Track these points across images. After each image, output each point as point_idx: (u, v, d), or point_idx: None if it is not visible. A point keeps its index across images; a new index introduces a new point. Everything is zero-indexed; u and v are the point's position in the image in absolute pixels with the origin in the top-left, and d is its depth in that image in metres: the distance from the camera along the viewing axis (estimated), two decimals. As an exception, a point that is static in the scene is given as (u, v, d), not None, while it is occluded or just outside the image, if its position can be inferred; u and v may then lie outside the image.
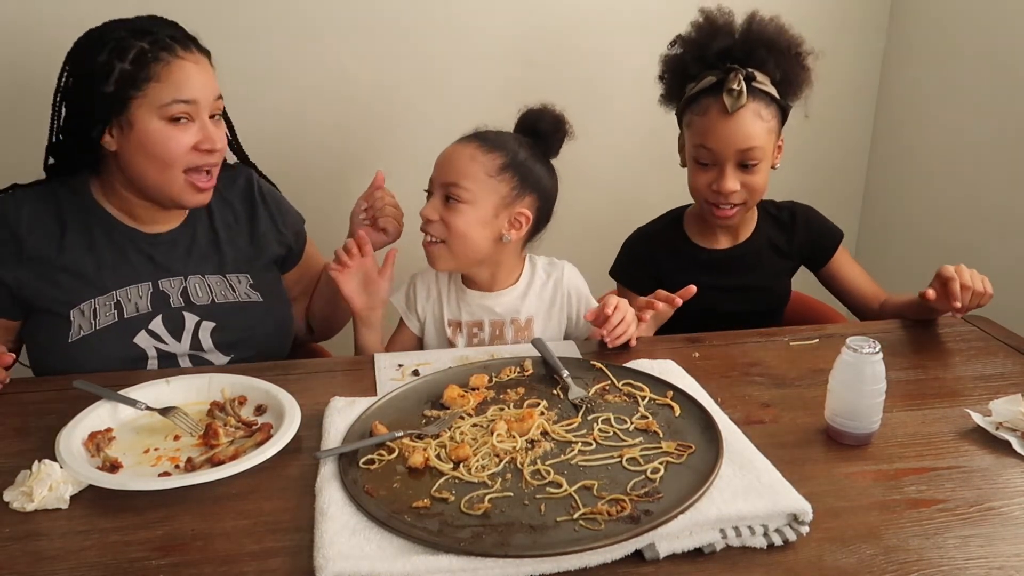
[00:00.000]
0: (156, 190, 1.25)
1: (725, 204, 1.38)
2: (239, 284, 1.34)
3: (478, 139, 1.30)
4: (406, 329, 1.40)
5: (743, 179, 1.36)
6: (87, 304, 1.24)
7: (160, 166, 1.22)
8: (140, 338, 1.25)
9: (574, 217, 1.51)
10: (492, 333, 1.35)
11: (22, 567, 0.78)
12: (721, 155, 1.35)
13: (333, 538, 0.78)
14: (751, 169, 1.36)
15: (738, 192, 1.37)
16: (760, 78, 1.35)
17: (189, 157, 1.23)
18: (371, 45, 1.85)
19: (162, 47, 1.20)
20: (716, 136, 1.34)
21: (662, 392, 1.06)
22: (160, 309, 1.27)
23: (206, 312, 1.30)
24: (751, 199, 1.40)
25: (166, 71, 1.20)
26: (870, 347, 0.96)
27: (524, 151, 1.31)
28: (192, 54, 1.23)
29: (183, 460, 0.95)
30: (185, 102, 1.20)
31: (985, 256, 1.89)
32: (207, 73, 1.25)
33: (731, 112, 1.32)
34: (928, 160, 2.07)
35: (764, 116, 1.34)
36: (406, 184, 1.45)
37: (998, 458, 0.96)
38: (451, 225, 1.27)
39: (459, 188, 1.26)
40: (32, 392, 1.14)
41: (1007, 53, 1.80)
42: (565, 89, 1.97)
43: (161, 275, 1.30)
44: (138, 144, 1.21)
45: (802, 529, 0.81)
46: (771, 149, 1.38)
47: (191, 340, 1.28)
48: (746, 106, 1.32)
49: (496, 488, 0.86)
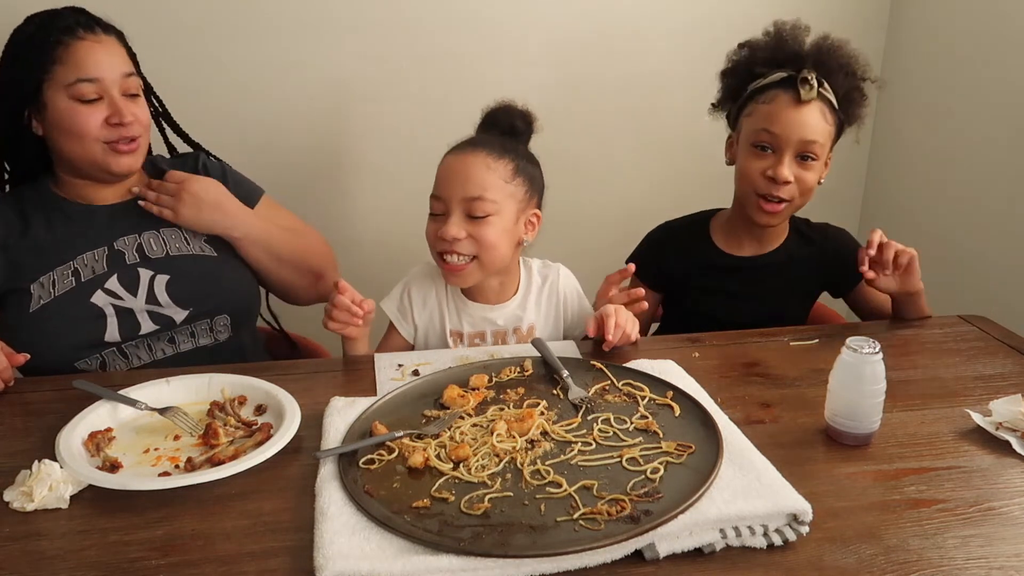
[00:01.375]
0: (82, 162, 1.30)
1: (774, 197, 1.36)
2: (194, 239, 1.37)
3: (483, 146, 1.27)
4: (397, 335, 1.38)
5: (798, 173, 1.36)
6: (47, 276, 1.28)
7: (77, 141, 1.28)
8: (96, 297, 1.29)
9: (581, 218, 1.52)
10: (495, 343, 1.35)
11: (22, 567, 0.78)
12: (784, 141, 1.34)
13: (333, 538, 0.78)
14: (807, 164, 1.36)
15: (791, 186, 1.36)
16: (827, 87, 1.36)
17: (103, 132, 1.28)
18: (372, 44, 1.85)
19: (63, 31, 1.26)
20: (783, 121, 1.34)
21: (662, 392, 1.06)
22: (115, 268, 1.31)
23: (160, 265, 1.33)
24: (799, 198, 1.38)
25: (67, 53, 1.26)
26: (870, 347, 0.96)
27: (520, 151, 1.31)
28: (95, 34, 1.29)
29: (183, 460, 0.95)
30: (89, 80, 1.26)
31: (985, 256, 1.89)
32: (112, 52, 1.30)
33: (803, 100, 1.33)
34: (928, 160, 2.07)
35: (828, 119, 1.35)
36: (407, 184, 1.45)
37: (998, 458, 0.96)
38: (482, 240, 1.24)
39: (484, 201, 1.23)
40: (32, 392, 1.14)
41: (1007, 53, 1.80)
42: (566, 88, 1.98)
43: (116, 236, 1.33)
44: (55, 124, 1.28)
45: (802, 529, 0.81)
46: (824, 156, 1.37)
47: (147, 294, 1.31)
48: (815, 101, 1.33)
49: (496, 488, 0.86)
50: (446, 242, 1.24)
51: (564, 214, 1.70)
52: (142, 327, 1.31)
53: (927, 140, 2.06)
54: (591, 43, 1.97)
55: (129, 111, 1.29)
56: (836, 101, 1.37)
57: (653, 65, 2.02)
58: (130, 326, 1.30)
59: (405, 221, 1.45)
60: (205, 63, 1.74)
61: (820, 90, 1.34)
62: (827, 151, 1.38)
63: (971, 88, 1.91)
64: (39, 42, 1.26)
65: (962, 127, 1.95)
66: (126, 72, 1.30)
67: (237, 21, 1.76)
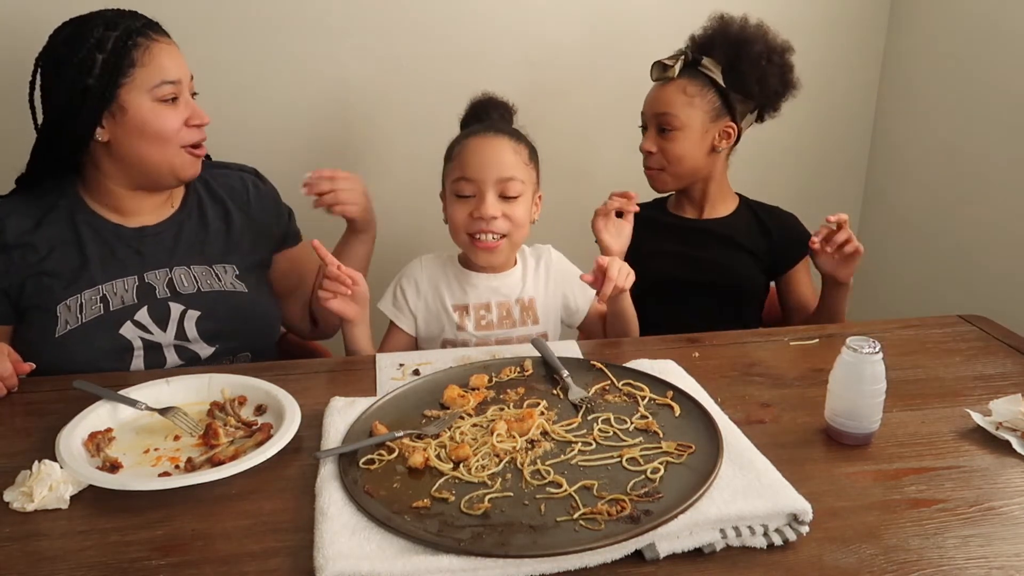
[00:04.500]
0: (158, 167, 1.29)
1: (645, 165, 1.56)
2: (225, 274, 1.36)
3: (504, 131, 1.34)
4: (398, 332, 1.39)
5: (661, 144, 1.52)
6: (73, 299, 1.26)
7: (160, 144, 1.27)
8: (126, 329, 1.26)
9: (580, 213, 1.53)
10: (500, 314, 1.37)
11: (22, 567, 0.78)
12: (647, 118, 1.55)
13: (333, 538, 0.78)
14: (667, 135, 1.51)
15: (655, 156, 1.53)
16: (707, 63, 1.50)
17: (183, 133, 1.29)
18: (372, 44, 1.85)
19: (137, 34, 1.25)
20: (647, 102, 1.55)
21: (662, 392, 1.06)
22: (145, 300, 1.29)
23: (191, 301, 1.31)
24: (670, 166, 1.53)
25: (147, 56, 1.25)
26: (870, 347, 0.96)
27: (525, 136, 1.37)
28: (163, 37, 1.30)
29: (183, 460, 0.95)
30: (171, 83, 1.27)
31: (985, 256, 1.89)
32: (179, 55, 1.31)
33: (655, 80, 1.53)
34: (928, 160, 2.07)
35: (689, 92, 1.49)
36: (406, 183, 1.45)
37: (998, 458, 0.96)
38: (515, 218, 1.32)
39: (515, 181, 1.30)
40: (32, 392, 1.14)
41: (1007, 53, 1.80)
42: (566, 88, 1.98)
43: (147, 268, 1.32)
44: (134, 127, 1.26)
45: (802, 529, 0.81)
46: (697, 125, 1.50)
47: (176, 329, 1.29)
48: (675, 80, 1.50)
49: (496, 488, 0.86)
50: (484, 221, 1.30)
51: (564, 212, 1.70)
52: (167, 362, 1.29)
53: (927, 140, 2.06)
54: (591, 43, 1.97)
55: (203, 112, 1.31)
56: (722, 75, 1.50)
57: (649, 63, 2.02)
58: (156, 361, 1.28)
59: (405, 220, 1.45)
60: (205, 63, 1.74)
61: (700, 68, 1.49)
62: (697, 122, 1.50)
63: (971, 88, 1.91)
64: (115, 46, 1.23)
65: (962, 127, 1.95)
66: (190, 75, 1.32)
67: (237, 22, 1.76)
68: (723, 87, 1.50)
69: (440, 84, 1.91)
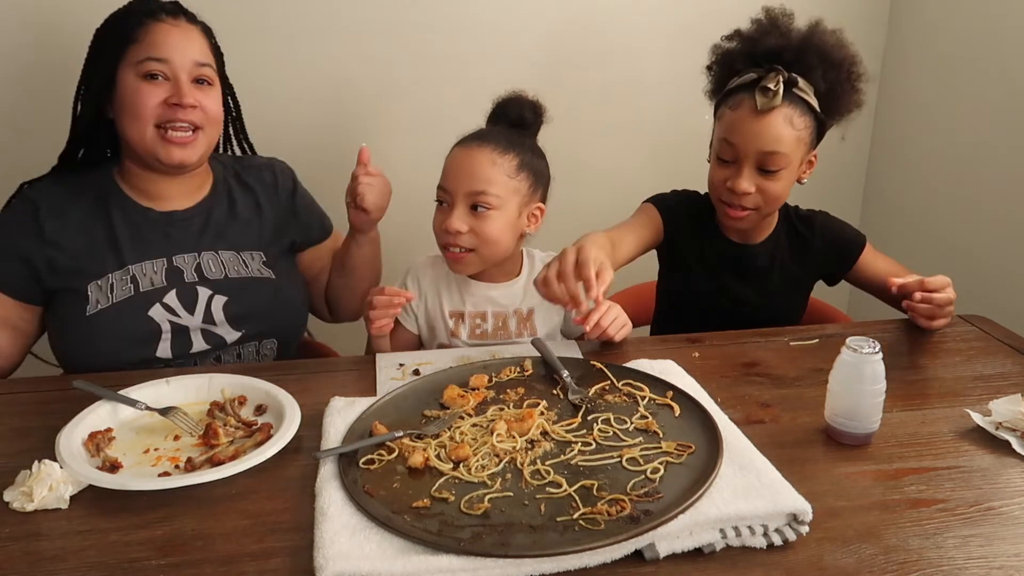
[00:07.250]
0: (135, 146, 1.28)
1: (737, 204, 1.34)
2: (252, 261, 1.37)
3: (489, 141, 1.29)
4: (403, 331, 1.39)
5: (761, 183, 1.31)
6: (104, 279, 1.27)
7: (133, 120, 1.25)
8: (155, 311, 1.27)
9: (586, 214, 1.53)
10: (495, 325, 1.35)
11: (22, 567, 0.78)
12: (742, 152, 1.31)
13: (333, 538, 0.78)
14: (771, 175, 1.31)
15: (752, 196, 1.32)
16: (803, 85, 1.30)
17: (158, 111, 1.25)
18: (373, 44, 1.85)
19: (145, 13, 1.27)
20: (742, 132, 1.30)
21: (662, 392, 1.06)
22: (174, 283, 1.30)
23: (219, 286, 1.32)
24: (766, 206, 1.35)
25: (144, 32, 1.26)
26: (870, 347, 0.96)
27: (527, 144, 1.32)
28: (177, 19, 1.29)
29: (183, 460, 0.95)
30: (157, 60, 1.25)
31: (985, 256, 1.89)
32: (190, 38, 1.29)
33: (760, 111, 1.28)
34: (928, 160, 2.07)
35: (796, 124, 1.29)
36: (408, 183, 1.45)
37: (998, 458, 0.96)
38: (483, 234, 1.27)
39: (487, 196, 1.25)
40: (32, 392, 1.14)
41: (1007, 53, 1.80)
42: (566, 88, 1.98)
43: (176, 251, 1.32)
44: (119, 103, 1.27)
45: (802, 529, 0.81)
46: (798, 160, 1.33)
47: (204, 313, 1.30)
48: (779, 108, 1.28)
49: (496, 488, 0.86)
50: (449, 234, 1.27)
51: (563, 213, 1.70)
52: (194, 345, 1.30)
53: (927, 139, 2.06)
54: (591, 43, 1.97)
55: (192, 95, 1.26)
56: (817, 97, 1.32)
57: (651, 64, 2.02)
58: (183, 344, 1.29)
59: (408, 219, 1.45)
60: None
61: (794, 91, 1.29)
62: (801, 156, 1.33)
63: (971, 87, 1.91)
64: (121, 25, 1.27)
65: (962, 126, 1.95)
66: (200, 61, 1.28)
67: (239, 23, 1.76)
68: (819, 113, 1.32)
69: (440, 84, 1.91)
